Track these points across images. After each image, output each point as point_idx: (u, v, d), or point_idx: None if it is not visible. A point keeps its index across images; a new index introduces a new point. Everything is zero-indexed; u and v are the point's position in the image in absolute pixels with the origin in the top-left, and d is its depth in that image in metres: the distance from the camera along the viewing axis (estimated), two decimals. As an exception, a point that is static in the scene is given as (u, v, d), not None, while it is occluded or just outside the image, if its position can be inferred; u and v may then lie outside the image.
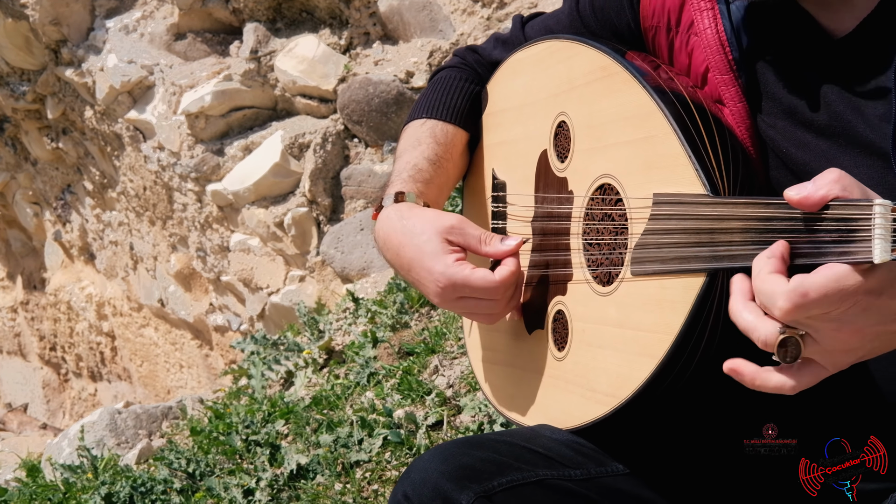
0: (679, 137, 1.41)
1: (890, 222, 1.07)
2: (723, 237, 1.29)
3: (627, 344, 1.49)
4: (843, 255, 1.11)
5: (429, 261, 1.62)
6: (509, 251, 1.65)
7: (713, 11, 1.56)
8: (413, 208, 1.70)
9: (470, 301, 1.63)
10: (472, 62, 1.90)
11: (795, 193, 1.16)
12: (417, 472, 1.53)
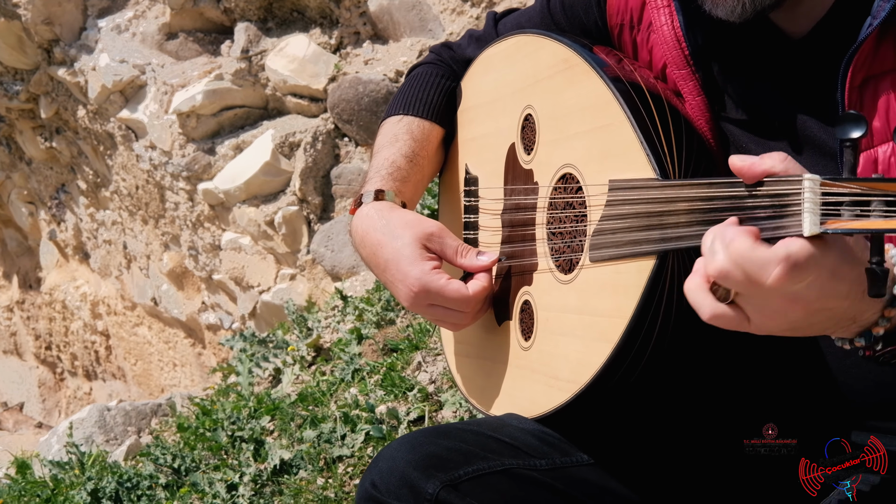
0: (633, 125, 1.43)
1: (819, 196, 1.09)
2: (671, 219, 1.32)
3: (586, 330, 1.51)
4: (777, 230, 1.13)
5: (406, 265, 1.64)
6: (483, 267, 1.68)
7: (669, 9, 1.58)
8: (393, 209, 1.72)
9: (439, 309, 1.66)
10: (448, 59, 1.93)
11: (739, 160, 1.19)
12: (385, 461, 1.55)
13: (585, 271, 1.53)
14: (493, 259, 1.69)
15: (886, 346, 1.18)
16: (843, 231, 1.08)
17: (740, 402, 1.57)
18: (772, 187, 1.16)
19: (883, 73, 1.38)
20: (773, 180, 1.16)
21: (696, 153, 1.45)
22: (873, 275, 1.09)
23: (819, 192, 1.09)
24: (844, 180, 1.09)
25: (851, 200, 1.08)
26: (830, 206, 1.09)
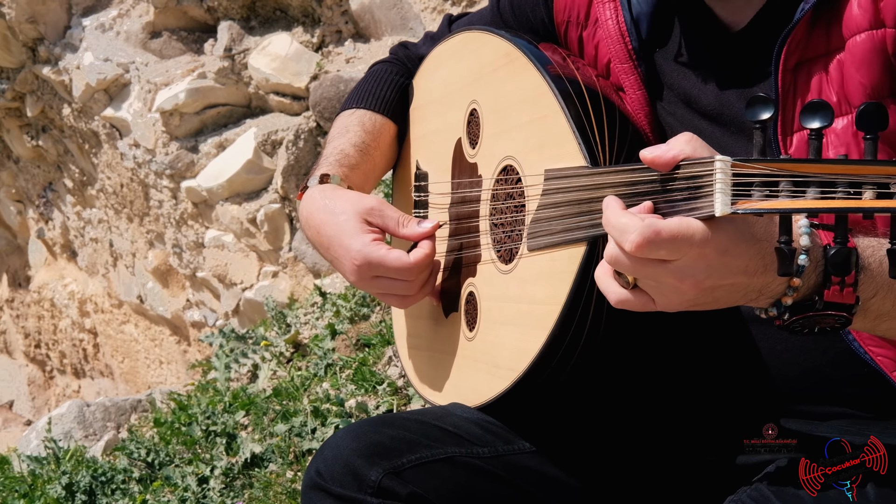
0: (566, 115, 1.46)
1: (730, 177, 1.12)
2: (599, 205, 1.35)
3: (524, 318, 1.54)
4: (692, 211, 1.16)
5: (347, 239, 1.67)
6: (425, 233, 1.70)
7: (614, 3, 1.62)
8: (336, 189, 1.75)
9: (384, 281, 1.67)
10: (403, 57, 1.96)
11: (649, 153, 1.22)
12: (330, 449, 1.57)
13: (524, 260, 1.56)
14: (433, 225, 1.71)
15: (794, 315, 1.21)
16: (753, 211, 1.11)
17: (675, 388, 1.60)
18: (687, 170, 1.18)
19: (816, 57, 1.42)
20: (688, 163, 1.18)
21: (629, 143, 1.48)
22: (781, 254, 1.12)
23: (730, 172, 1.12)
24: (754, 161, 1.11)
25: (761, 181, 1.11)
26: (741, 186, 1.12)
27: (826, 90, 1.41)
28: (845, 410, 1.49)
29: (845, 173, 1.07)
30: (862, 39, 1.37)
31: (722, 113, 1.52)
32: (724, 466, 1.52)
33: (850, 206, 1.07)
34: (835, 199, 1.08)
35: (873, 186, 1.06)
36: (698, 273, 1.17)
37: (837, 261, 1.11)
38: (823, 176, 1.08)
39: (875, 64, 1.37)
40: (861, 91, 1.38)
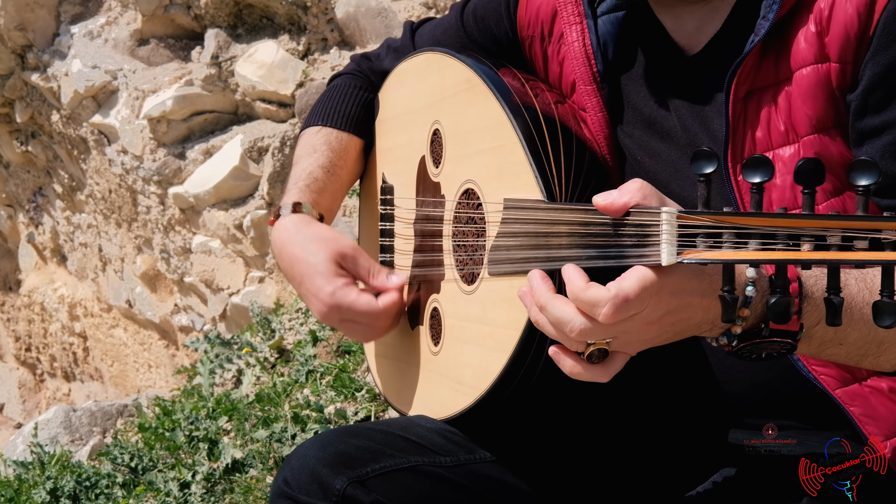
0: (524, 147, 1.51)
1: (675, 228, 1.16)
2: (554, 240, 1.39)
3: (486, 339, 1.60)
4: (640, 258, 1.20)
5: (319, 280, 1.72)
6: (394, 287, 1.75)
7: (581, 26, 1.66)
8: (310, 223, 1.79)
9: (351, 323, 1.73)
10: (366, 70, 2.00)
11: (602, 200, 1.26)
12: (297, 458, 1.63)
13: (485, 283, 1.61)
14: (402, 280, 1.77)
15: (742, 343, 1.26)
16: (698, 261, 1.15)
17: (629, 402, 1.66)
18: (636, 217, 1.22)
19: (766, 86, 1.47)
20: (637, 211, 1.23)
21: (585, 174, 1.53)
22: (724, 301, 1.17)
23: (675, 224, 1.16)
24: (698, 213, 1.16)
25: (705, 232, 1.15)
26: (686, 237, 1.16)
27: (774, 120, 1.46)
28: (791, 423, 1.55)
29: (785, 226, 1.12)
30: (808, 72, 1.43)
31: (680, 137, 1.57)
32: (674, 476, 1.58)
33: (789, 258, 1.11)
34: (775, 250, 1.12)
35: (811, 239, 1.11)
36: (658, 314, 1.22)
37: (777, 310, 1.15)
38: (764, 228, 1.12)
39: (820, 96, 1.42)
40: (807, 122, 1.43)
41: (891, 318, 1.08)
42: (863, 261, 1.08)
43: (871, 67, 1.38)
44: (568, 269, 1.26)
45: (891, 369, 1.32)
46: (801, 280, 1.24)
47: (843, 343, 1.28)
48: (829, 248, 1.10)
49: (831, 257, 1.10)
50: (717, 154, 1.18)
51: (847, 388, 1.45)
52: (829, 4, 1.40)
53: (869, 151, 1.39)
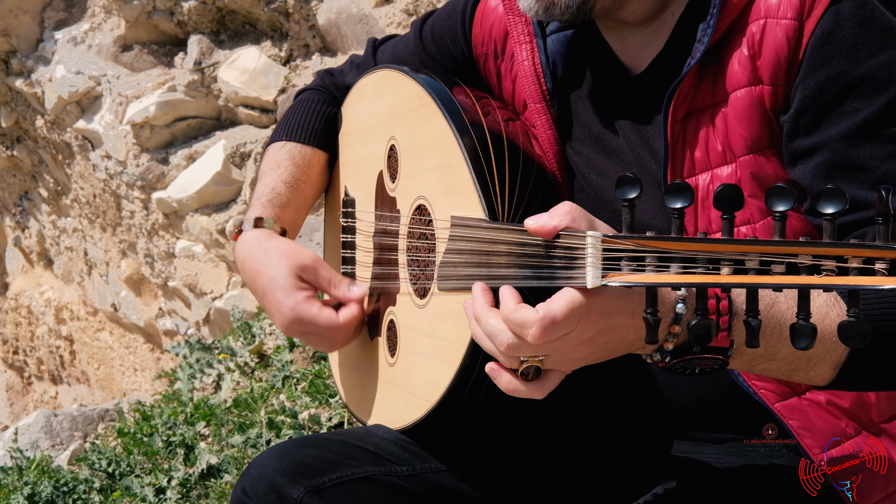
0: (469, 166, 1.55)
1: (600, 251, 1.19)
2: (494, 259, 1.42)
3: (436, 352, 1.64)
4: (569, 280, 1.23)
5: (281, 294, 1.75)
6: (354, 297, 1.79)
7: (531, 45, 1.70)
8: (271, 237, 1.82)
9: (312, 336, 1.77)
10: (330, 85, 2.04)
11: (533, 223, 1.29)
12: (256, 468, 1.67)
13: (436, 298, 1.65)
14: (363, 291, 1.80)
15: (675, 359, 1.29)
16: (622, 284, 1.18)
17: (578, 415, 1.70)
18: (566, 240, 1.25)
19: (703, 107, 1.50)
20: (567, 234, 1.26)
21: (531, 192, 1.57)
22: (647, 323, 1.20)
23: (600, 247, 1.19)
24: (622, 237, 1.19)
25: (629, 256, 1.18)
26: (611, 260, 1.19)
27: (712, 140, 1.49)
28: (734, 436, 1.59)
29: (704, 250, 1.15)
30: (742, 94, 1.46)
31: (624, 155, 1.61)
32: (619, 487, 1.62)
33: (708, 282, 1.14)
34: (695, 273, 1.15)
35: (730, 263, 1.14)
36: (588, 335, 1.25)
37: (698, 333, 1.18)
38: (685, 252, 1.15)
39: (754, 118, 1.46)
40: (742, 142, 1.47)
41: (806, 339, 1.11)
42: (780, 284, 1.12)
43: (801, 90, 1.41)
44: (502, 291, 1.29)
45: (822, 383, 1.35)
46: (730, 298, 1.27)
47: (773, 358, 1.32)
48: (748, 271, 1.13)
49: (749, 281, 1.13)
50: (640, 180, 1.21)
51: (786, 401, 1.49)
52: (761, 28, 1.44)
53: (802, 172, 1.43)
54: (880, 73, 1.39)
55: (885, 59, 1.39)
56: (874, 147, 1.39)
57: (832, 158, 1.40)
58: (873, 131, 1.39)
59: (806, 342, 1.11)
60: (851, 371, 1.32)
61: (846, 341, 1.09)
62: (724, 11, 1.46)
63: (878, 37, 1.40)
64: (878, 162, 1.39)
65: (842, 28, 1.40)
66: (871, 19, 1.40)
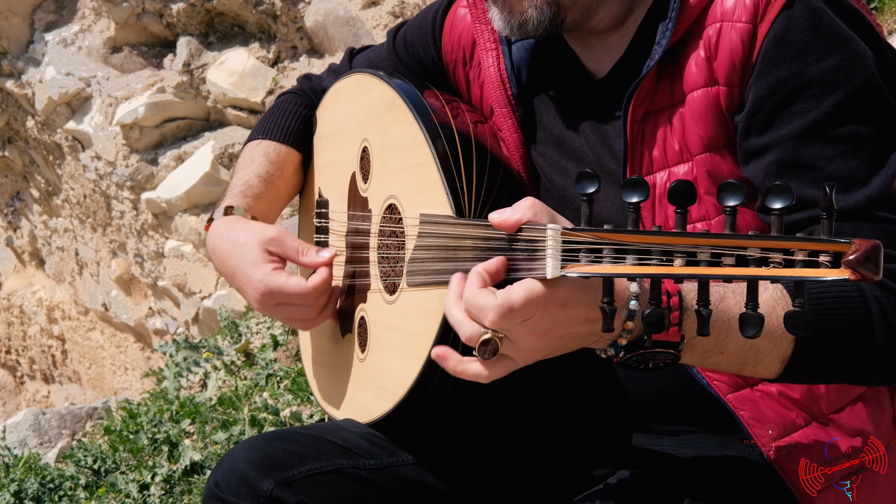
0: (437, 165, 1.59)
1: (559, 243, 1.23)
2: (461, 254, 1.46)
3: (404, 347, 1.68)
4: (530, 272, 1.27)
5: (250, 269, 1.78)
6: (323, 262, 1.81)
7: (496, 52, 1.74)
8: (239, 220, 1.85)
9: (286, 307, 1.79)
10: (307, 89, 2.08)
11: (497, 217, 1.32)
12: (228, 461, 1.70)
13: (405, 294, 1.69)
14: (331, 254, 1.82)
15: (628, 353, 1.33)
16: (580, 274, 1.22)
17: (543, 408, 1.74)
18: (528, 233, 1.29)
19: (662, 108, 1.54)
20: (528, 227, 1.30)
21: (498, 191, 1.61)
22: (604, 312, 1.24)
23: (560, 240, 1.23)
24: (581, 230, 1.23)
25: (587, 248, 1.22)
26: (570, 252, 1.23)
27: (670, 139, 1.53)
28: (692, 428, 1.63)
29: (658, 243, 1.19)
30: (699, 95, 1.51)
31: (586, 156, 1.65)
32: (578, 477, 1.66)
33: (661, 273, 1.18)
34: (650, 265, 1.19)
35: (682, 255, 1.17)
36: (546, 325, 1.28)
37: (652, 321, 1.21)
38: (640, 245, 1.19)
39: (710, 118, 1.50)
40: (699, 142, 1.51)
41: (754, 328, 1.16)
42: (730, 275, 1.16)
43: (754, 91, 1.46)
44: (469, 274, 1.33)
45: (770, 376, 1.39)
46: (681, 294, 1.31)
47: (723, 352, 1.36)
48: (699, 263, 1.17)
49: (701, 272, 1.17)
50: (598, 175, 1.25)
51: (738, 392, 1.53)
52: (717, 32, 1.48)
53: (754, 170, 1.47)
54: (829, 76, 1.43)
55: (833, 63, 1.44)
56: (823, 147, 1.43)
57: (783, 157, 1.45)
58: (822, 132, 1.44)
59: (754, 331, 1.15)
60: (797, 364, 1.37)
61: (791, 330, 1.13)
62: (682, 15, 1.50)
63: (827, 41, 1.44)
64: (826, 161, 1.43)
65: (793, 32, 1.44)
66: (820, 24, 1.44)
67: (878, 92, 1.46)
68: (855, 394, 1.58)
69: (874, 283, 1.40)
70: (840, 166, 1.44)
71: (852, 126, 1.45)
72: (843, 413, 1.57)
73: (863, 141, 1.45)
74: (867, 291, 1.40)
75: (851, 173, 1.44)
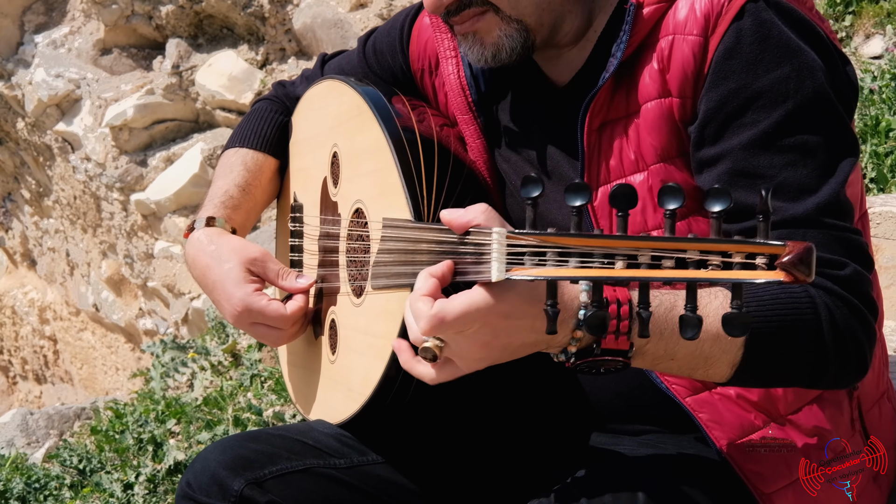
0: (398, 170, 1.62)
1: (504, 247, 1.25)
2: (418, 257, 1.49)
3: (369, 348, 1.71)
4: (478, 275, 1.30)
5: (230, 287, 1.81)
6: (301, 288, 1.85)
7: (456, 59, 1.77)
8: (222, 234, 1.89)
9: (261, 327, 1.83)
10: (282, 95, 2.11)
11: (447, 215, 1.35)
12: (199, 462, 1.74)
13: (370, 297, 1.73)
14: (310, 282, 1.87)
15: (579, 360, 1.36)
16: (524, 277, 1.24)
17: (504, 408, 1.78)
18: (476, 237, 1.32)
19: (618, 118, 1.57)
20: (476, 231, 1.32)
21: (459, 195, 1.64)
22: (548, 315, 1.26)
23: (505, 243, 1.26)
24: (525, 234, 1.26)
25: (532, 251, 1.24)
26: (515, 255, 1.25)
27: (626, 149, 1.57)
28: (652, 428, 1.66)
29: (600, 246, 1.21)
30: (653, 106, 1.54)
31: (545, 163, 1.69)
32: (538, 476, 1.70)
33: (603, 276, 1.20)
34: (591, 267, 1.22)
35: (624, 258, 1.19)
36: (486, 337, 1.30)
37: (593, 323, 1.23)
38: (582, 248, 1.22)
39: (664, 128, 1.53)
40: (653, 152, 1.54)
41: (692, 329, 1.18)
42: (670, 278, 1.18)
43: (705, 102, 1.49)
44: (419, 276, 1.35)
45: (721, 380, 1.42)
46: (631, 303, 1.34)
47: (674, 358, 1.38)
48: (640, 266, 1.20)
49: (641, 275, 1.19)
50: (542, 179, 1.27)
51: (697, 395, 1.56)
52: (670, 44, 1.51)
53: (707, 179, 1.50)
54: (778, 87, 1.46)
55: (782, 74, 1.47)
56: (773, 156, 1.46)
57: (734, 167, 1.48)
58: (772, 141, 1.47)
59: (692, 332, 1.17)
60: (747, 369, 1.39)
61: (729, 332, 1.16)
62: (636, 28, 1.53)
63: (776, 53, 1.47)
64: (776, 171, 1.46)
65: (743, 44, 1.47)
66: (769, 36, 1.47)
67: (828, 102, 1.49)
68: (812, 395, 1.60)
69: (824, 289, 1.45)
70: (790, 175, 1.47)
71: (802, 136, 1.48)
72: (800, 414, 1.60)
73: (812, 150, 1.48)
74: (816, 297, 1.43)
75: (801, 182, 1.47)
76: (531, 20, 1.58)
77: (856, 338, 1.43)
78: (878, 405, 1.66)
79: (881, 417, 1.65)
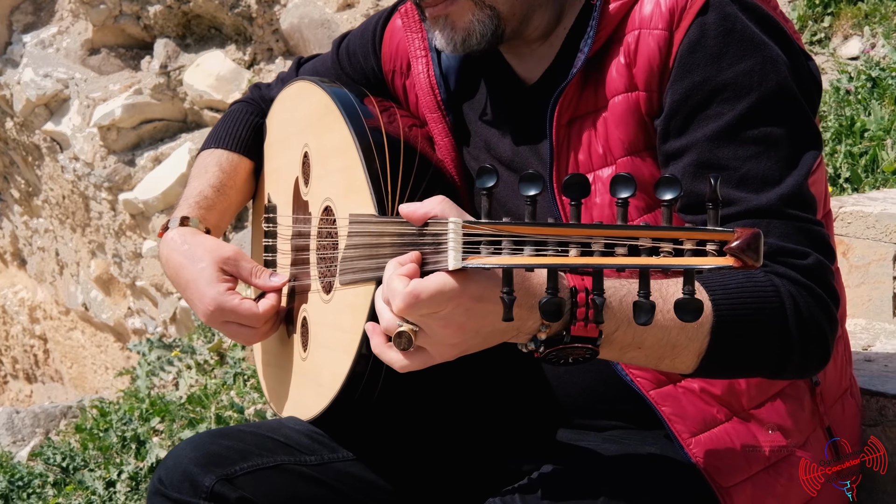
0: (363, 166, 1.64)
1: (460, 236, 1.27)
2: (382, 251, 1.50)
3: (337, 343, 1.73)
4: (437, 264, 1.31)
5: (203, 286, 1.82)
6: (274, 287, 1.86)
7: (426, 59, 1.79)
8: (195, 234, 1.90)
9: (233, 325, 1.84)
10: (258, 97, 2.13)
11: (405, 208, 1.37)
12: (171, 458, 1.75)
13: (338, 292, 1.74)
14: (283, 280, 1.88)
15: (548, 348, 1.37)
16: (480, 266, 1.26)
17: (475, 404, 1.79)
18: (433, 227, 1.34)
19: (586, 113, 1.59)
20: (434, 221, 1.34)
21: (423, 192, 1.66)
22: (504, 302, 1.28)
23: (461, 232, 1.27)
24: (480, 223, 1.27)
25: (487, 240, 1.26)
26: (471, 244, 1.27)
27: (594, 143, 1.58)
28: (618, 423, 1.68)
29: (554, 234, 1.23)
30: (620, 100, 1.55)
31: (514, 160, 1.70)
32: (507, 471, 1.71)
33: (557, 263, 1.21)
34: (546, 255, 1.23)
35: (577, 245, 1.21)
36: (460, 319, 1.31)
37: (549, 309, 1.24)
38: (537, 236, 1.23)
39: (631, 122, 1.55)
40: (620, 145, 1.56)
41: (645, 315, 1.20)
42: (622, 265, 1.20)
43: (670, 95, 1.50)
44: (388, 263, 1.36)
45: (686, 371, 1.44)
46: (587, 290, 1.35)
47: (641, 347, 1.40)
48: (593, 253, 1.21)
49: (594, 262, 1.21)
50: (497, 170, 1.28)
51: (660, 389, 1.57)
52: (636, 39, 1.53)
53: (673, 172, 1.52)
54: (742, 80, 1.48)
55: (746, 67, 1.48)
56: (737, 148, 1.48)
57: (699, 159, 1.49)
58: (736, 133, 1.48)
59: (646, 317, 1.19)
60: (713, 358, 1.41)
61: (681, 316, 1.17)
62: (602, 23, 1.55)
63: (739, 46, 1.49)
64: (740, 162, 1.48)
65: (707, 38, 1.49)
66: (733, 30, 1.49)
67: (791, 95, 1.51)
68: (775, 390, 1.62)
69: (788, 278, 1.46)
70: (754, 167, 1.48)
71: (765, 128, 1.49)
72: (762, 409, 1.61)
73: (776, 142, 1.50)
74: (780, 286, 1.44)
75: (765, 173, 1.48)
76: (504, 8, 1.60)
77: (819, 326, 1.45)
78: (842, 401, 1.67)
79: (844, 413, 1.67)
